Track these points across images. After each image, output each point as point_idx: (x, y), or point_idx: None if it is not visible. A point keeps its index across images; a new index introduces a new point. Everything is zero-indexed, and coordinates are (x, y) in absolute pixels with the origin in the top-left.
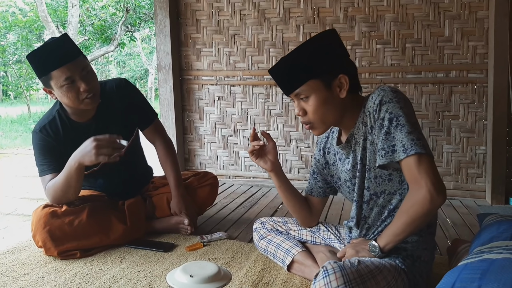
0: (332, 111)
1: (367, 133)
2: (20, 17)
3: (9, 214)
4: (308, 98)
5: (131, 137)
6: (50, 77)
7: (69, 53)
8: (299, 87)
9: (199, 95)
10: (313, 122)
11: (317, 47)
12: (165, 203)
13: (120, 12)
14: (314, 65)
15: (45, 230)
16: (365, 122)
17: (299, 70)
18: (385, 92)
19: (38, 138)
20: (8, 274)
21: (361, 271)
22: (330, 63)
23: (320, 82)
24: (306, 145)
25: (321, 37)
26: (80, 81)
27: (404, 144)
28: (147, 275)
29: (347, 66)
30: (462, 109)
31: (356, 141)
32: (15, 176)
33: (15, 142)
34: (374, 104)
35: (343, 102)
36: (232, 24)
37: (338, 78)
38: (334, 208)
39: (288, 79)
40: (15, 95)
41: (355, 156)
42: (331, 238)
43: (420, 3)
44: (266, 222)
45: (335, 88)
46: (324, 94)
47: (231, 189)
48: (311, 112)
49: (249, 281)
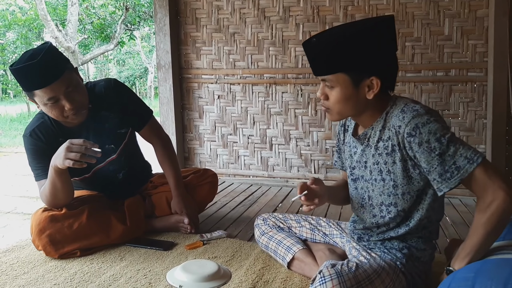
0: (353, 107)
1: (393, 149)
2: (19, 15)
3: (9, 212)
4: (333, 88)
5: (123, 140)
6: (34, 94)
7: (51, 73)
8: (326, 75)
9: (199, 93)
10: (331, 110)
11: (358, 39)
12: (164, 202)
13: (119, 11)
14: (348, 60)
15: (44, 235)
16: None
17: (331, 58)
18: (419, 115)
19: (29, 143)
20: (8, 273)
21: (359, 277)
22: (366, 61)
23: (348, 78)
24: (306, 143)
25: (371, 28)
26: (64, 100)
27: (466, 156)
28: (147, 273)
29: (386, 66)
30: (462, 107)
31: (374, 139)
32: (14, 175)
33: (15, 140)
34: (407, 128)
35: (367, 101)
36: (232, 22)
37: (370, 79)
38: (334, 207)
39: (318, 62)
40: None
41: (366, 155)
42: (333, 234)
43: (419, 1)
44: (268, 219)
45: (363, 88)
46: (350, 91)
47: (230, 187)
48: (332, 102)
49: (249, 279)
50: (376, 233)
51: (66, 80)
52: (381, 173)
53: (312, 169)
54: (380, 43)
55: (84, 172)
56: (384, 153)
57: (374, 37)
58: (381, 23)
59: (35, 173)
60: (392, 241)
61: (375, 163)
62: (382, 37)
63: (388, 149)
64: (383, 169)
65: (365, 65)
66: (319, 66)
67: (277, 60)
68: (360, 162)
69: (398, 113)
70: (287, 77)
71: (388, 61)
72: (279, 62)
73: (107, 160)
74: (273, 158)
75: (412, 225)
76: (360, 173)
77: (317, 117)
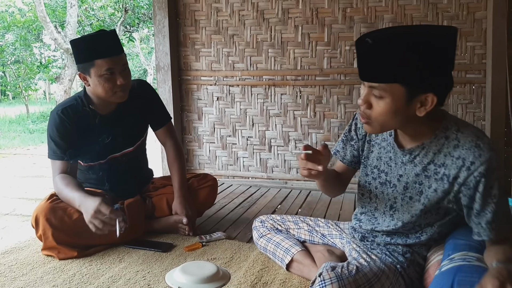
0: (398, 122)
1: (441, 178)
2: (18, 17)
3: (7, 214)
4: (382, 99)
5: (141, 137)
6: (93, 64)
7: (115, 47)
8: (379, 83)
9: (198, 95)
10: (372, 122)
11: (426, 48)
12: (164, 204)
13: (118, 13)
14: (409, 70)
15: (44, 218)
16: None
17: (389, 65)
18: (494, 156)
19: (56, 119)
20: (7, 275)
21: (359, 281)
22: (429, 76)
23: (404, 91)
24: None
25: (440, 36)
26: (118, 75)
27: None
28: (146, 275)
29: (444, 82)
30: (460, 109)
31: (423, 160)
32: (13, 176)
33: (14, 142)
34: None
35: (415, 118)
36: (231, 24)
37: (425, 95)
38: (333, 208)
39: (371, 66)
40: (14, 95)
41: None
42: (332, 234)
43: (418, 3)
44: (266, 221)
45: (415, 103)
46: (400, 104)
47: (229, 189)
48: (376, 113)
49: (248, 281)
50: (383, 236)
51: (124, 60)
52: (419, 194)
53: None
54: (446, 55)
55: (100, 158)
56: (433, 177)
57: (442, 48)
58: (444, 33)
59: (51, 151)
60: (397, 245)
61: (416, 182)
62: (449, 50)
63: (438, 175)
64: (424, 191)
65: (426, 79)
66: (371, 71)
67: (276, 62)
68: (395, 172)
69: (472, 146)
70: (286, 79)
71: (448, 77)
72: (278, 64)
73: (123, 151)
74: (272, 159)
75: (423, 238)
76: (392, 181)
77: (316, 118)
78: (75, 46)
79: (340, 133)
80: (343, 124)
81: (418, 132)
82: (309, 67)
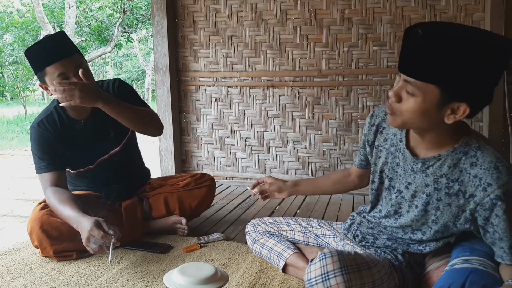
0: (423, 124)
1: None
2: (17, 17)
3: (5, 215)
4: (413, 96)
5: (127, 134)
6: (45, 73)
7: (63, 50)
8: (416, 79)
9: (196, 96)
10: (397, 115)
11: (476, 54)
12: (162, 203)
13: (117, 13)
14: (451, 73)
15: (41, 229)
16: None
17: (432, 63)
18: (510, 181)
19: (36, 133)
20: (4, 276)
21: (358, 260)
22: (469, 85)
23: (438, 93)
24: (303, 146)
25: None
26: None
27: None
28: (144, 276)
29: (483, 96)
30: None
31: (436, 171)
32: (11, 177)
33: (11, 143)
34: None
35: (441, 124)
36: (229, 25)
37: (459, 104)
38: (331, 209)
39: (413, 59)
40: (12, 96)
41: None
42: (325, 234)
43: (416, 5)
44: (258, 225)
45: (446, 109)
46: (431, 107)
47: (228, 190)
48: (404, 108)
49: (246, 282)
50: (385, 239)
51: (77, 60)
52: (426, 205)
53: (309, 171)
54: (493, 68)
55: (89, 163)
56: (443, 191)
57: (492, 59)
58: (498, 42)
59: (38, 165)
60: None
61: (424, 193)
62: (498, 63)
63: (451, 189)
64: (431, 203)
65: (466, 88)
66: (411, 65)
67: (274, 63)
68: (403, 179)
69: (491, 167)
70: (284, 80)
71: (488, 91)
72: (276, 65)
73: (110, 152)
74: (271, 160)
75: (425, 251)
76: (397, 187)
77: (314, 119)
78: (27, 57)
79: (338, 134)
80: (341, 125)
81: (437, 142)
82: (307, 68)
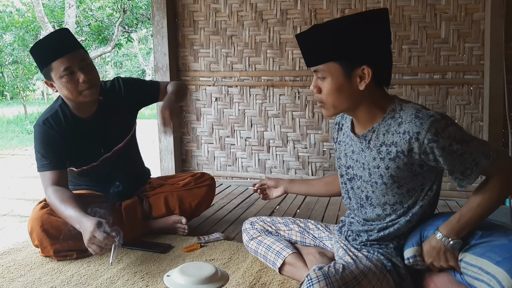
0: (346, 99)
1: (397, 155)
2: (16, 17)
3: (5, 215)
4: (325, 79)
5: (130, 132)
6: (51, 69)
7: (69, 45)
8: (317, 65)
9: (196, 96)
10: (325, 104)
11: (349, 27)
12: (162, 203)
13: (117, 13)
14: (337, 48)
15: (41, 228)
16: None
17: (322, 47)
18: (436, 120)
19: (41, 131)
20: (5, 275)
21: (346, 278)
22: (356, 49)
23: (339, 67)
24: (303, 146)
25: (363, 17)
26: (79, 72)
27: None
28: (144, 276)
29: (378, 56)
30: (458, 110)
31: (376, 143)
32: (11, 177)
33: (11, 142)
34: (428, 134)
35: (361, 94)
36: (229, 25)
37: (360, 68)
38: (331, 209)
39: (310, 52)
40: (12, 96)
41: (366, 157)
42: (321, 236)
43: (416, 4)
44: (256, 223)
45: (355, 78)
46: (341, 81)
47: (228, 190)
48: (325, 94)
49: (246, 282)
50: (377, 230)
51: (82, 55)
52: (381, 177)
53: (309, 171)
54: (372, 32)
55: (92, 160)
56: (386, 158)
57: (365, 26)
58: (374, 14)
59: (40, 163)
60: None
61: (375, 167)
62: (374, 27)
63: (391, 154)
64: (383, 174)
65: (356, 53)
66: (309, 56)
67: (274, 63)
68: (358, 162)
69: (413, 119)
70: (284, 80)
71: (380, 52)
72: (276, 64)
73: (114, 149)
74: (271, 160)
75: (414, 220)
76: (358, 173)
77: (315, 119)
78: (32, 53)
79: None
80: None
81: (369, 117)
82: (307, 68)
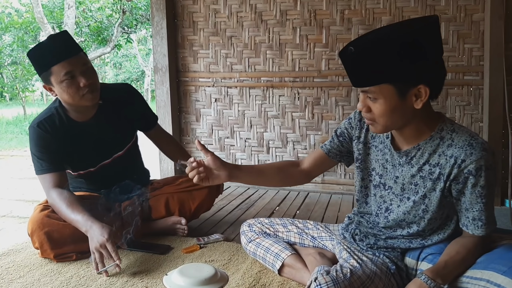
0: (399, 119)
1: (438, 177)
2: (16, 18)
3: (4, 216)
4: (376, 100)
5: (131, 139)
6: (51, 73)
7: (69, 49)
8: (368, 87)
9: (196, 96)
10: (377, 123)
11: (402, 46)
12: (161, 204)
13: (116, 14)
14: (392, 69)
15: (42, 232)
16: (437, 163)
17: (372, 68)
18: (487, 156)
19: (35, 133)
20: (4, 277)
21: (354, 284)
22: (413, 70)
23: (393, 89)
24: (303, 147)
25: (415, 32)
26: (80, 77)
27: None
28: (143, 277)
29: (434, 71)
30: (458, 111)
31: (419, 160)
32: (10, 178)
33: (11, 143)
34: (472, 166)
35: (414, 111)
36: (229, 26)
37: (417, 87)
38: (331, 210)
39: (357, 73)
40: (11, 97)
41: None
42: (321, 236)
43: (416, 5)
44: (253, 225)
45: (411, 97)
46: (395, 102)
47: (227, 191)
48: (377, 115)
49: (246, 283)
50: (385, 237)
51: (82, 59)
52: (415, 195)
53: None
54: (428, 47)
55: (90, 165)
56: (428, 177)
57: (420, 42)
58: (422, 24)
59: (37, 166)
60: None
61: (412, 183)
62: (429, 41)
63: (433, 175)
64: (420, 192)
65: (412, 73)
66: (359, 77)
67: (274, 64)
68: (392, 174)
69: (465, 145)
70: (284, 81)
71: (436, 67)
72: (276, 65)
73: (114, 156)
74: (270, 161)
75: (427, 244)
76: (389, 183)
77: (314, 120)
78: (31, 57)
79: None
80: None
81: (415, 133)
82: (307, 68)
